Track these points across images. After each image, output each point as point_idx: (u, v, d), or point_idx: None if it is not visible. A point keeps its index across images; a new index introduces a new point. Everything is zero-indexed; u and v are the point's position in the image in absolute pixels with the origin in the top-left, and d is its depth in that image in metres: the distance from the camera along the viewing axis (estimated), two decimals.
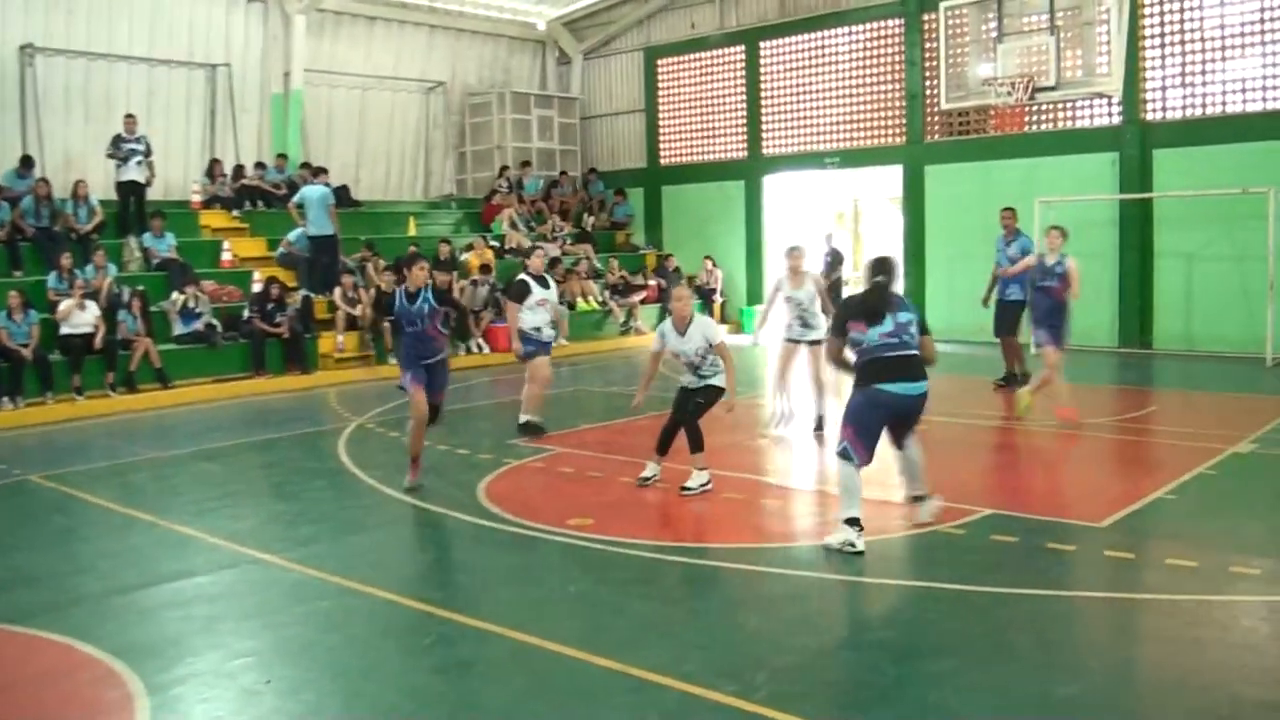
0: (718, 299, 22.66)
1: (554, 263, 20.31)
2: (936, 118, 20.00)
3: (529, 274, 11.37)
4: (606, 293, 21.07)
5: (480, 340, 18.19)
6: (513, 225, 21.72)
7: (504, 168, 23.26)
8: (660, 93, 24.27)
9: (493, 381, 16.26)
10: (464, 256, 19.80)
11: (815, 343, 10.94)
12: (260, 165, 19.73)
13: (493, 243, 20.83)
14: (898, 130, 20.60)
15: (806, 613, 6.03)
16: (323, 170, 18.53)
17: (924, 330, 7.03)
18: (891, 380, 6.77)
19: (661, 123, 24.34)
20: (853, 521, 6.88)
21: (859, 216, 26.18)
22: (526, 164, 23.70)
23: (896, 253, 20.64)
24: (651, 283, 21.99)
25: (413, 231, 20.89)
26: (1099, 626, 5.80)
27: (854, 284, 24.59)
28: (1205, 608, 5.92)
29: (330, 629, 5.89)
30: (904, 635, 5.68)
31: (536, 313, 11.22)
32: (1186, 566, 6.52)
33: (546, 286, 11.41)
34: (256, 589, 6.61)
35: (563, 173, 24.40)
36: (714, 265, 22.75)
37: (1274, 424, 10.94)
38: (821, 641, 5.58)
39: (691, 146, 23.92)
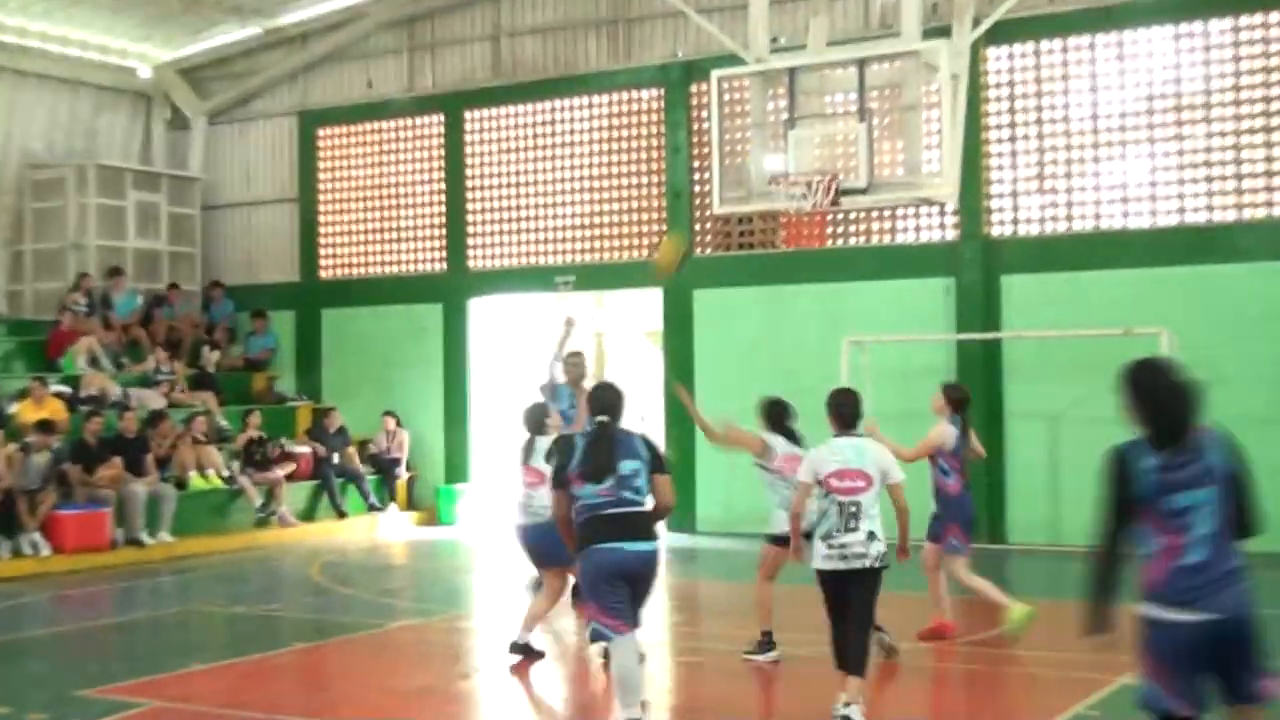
0: (402, 473, 22.23)
1: (156, 418, 19.43)
2: (709, 225, 20.55)
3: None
4: (235, 464, 20.34)
5: (36, 536, 17.04)
6: (93, 361, 20.76)
7: (82, 276, 22.31)
8: (322, 176, 24.06)
9: (54, 599, 15.37)
10: (13, 408, 18.79)
11: None
12: None
13: (60, 387, 19.78)
14: (657, 241, 20.92)
15: None
16: None
17: (658, 469, 8.39)
18: (611, 540, 8.14)
19: (323, 218, 24.07)
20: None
21: (604, 357, 26.38)
22: (118, 272, 22.81)
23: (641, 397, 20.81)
24: (303, 449, 21.36)
25: None
26: None
27: None
28: None
29: None
30: None
31: None
32: None
33: None
34: None
35: (173, 286, 23.68)
36: (398, 424, 22.32)
37: None
38: None
39: (366, 254, 23.72)
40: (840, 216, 19.28)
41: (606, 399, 8.56)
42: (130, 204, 23.67)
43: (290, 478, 20.90)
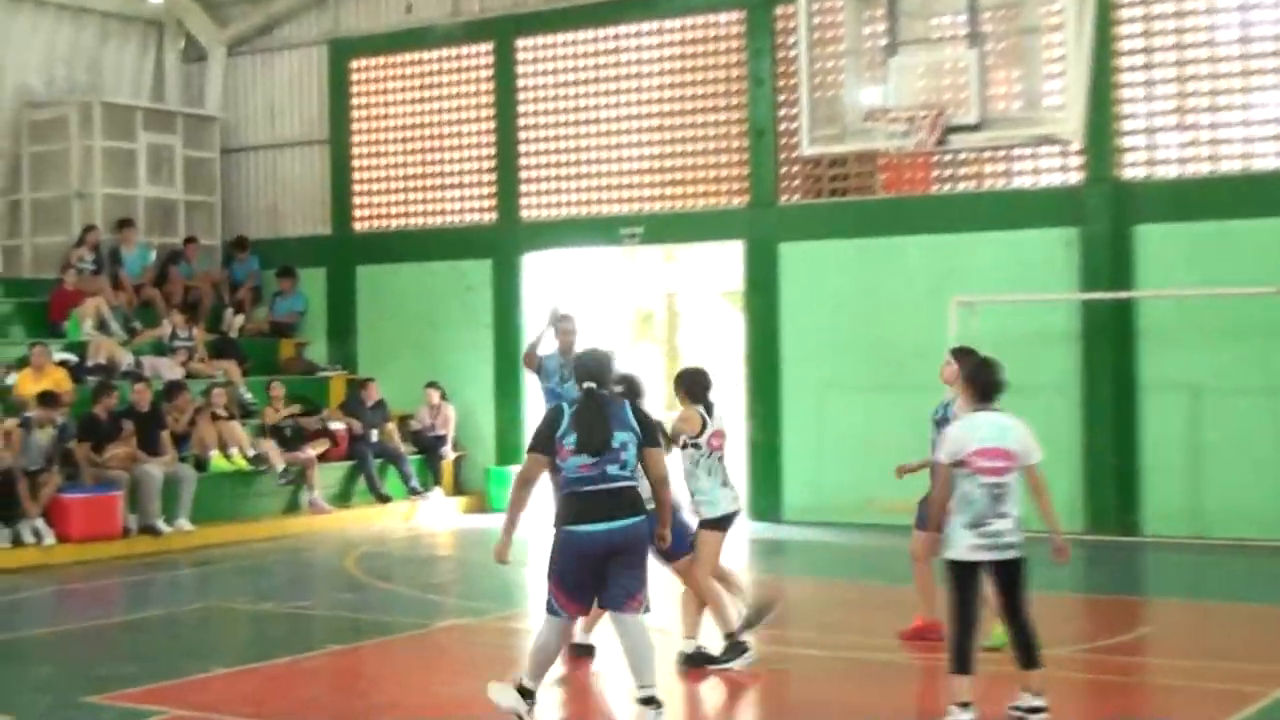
0: (448, 453, 22.33)
1: (172, 390, 19.57)
2: (796, 168, 20.46)
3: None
4: (263, 442, 20.50)
5: (39, 522, 17.26)
6: (101, 325, 20.95)
7: (88, 229, 22.49)
8: (355, 114, 24.13)
9: (59, 594, 15.53)
10: (11, 379, 18.98)
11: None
12: None
13: (65, 355, 20.01)
14: (737, 187, 20.99)
15: None
16: None
17: (649, 442, 8.88)
18: (586, 521, 8.67)
19: (358, 163, 24.16)
20: (525, 693, 8.86)
21: (676, 321, 26.41)
22: (127, 224, 22.98)
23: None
24: (338, 426, 21.48)
25: None
26: None
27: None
28: None
29: None
30: None
31: None
32: None
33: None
34: None
35: (190, 240, 23.83)
36: (442, 398, 22.38)
37: None
38: None
39: (406, 203, 23.81)
40: (948, 158, 19.10)
41: (592, 365, 9.04)
42: (141, 146, 23.77)
43: (323, 458, 20.98)
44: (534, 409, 22.31)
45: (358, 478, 21.41)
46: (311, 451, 20.76)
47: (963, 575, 8.78)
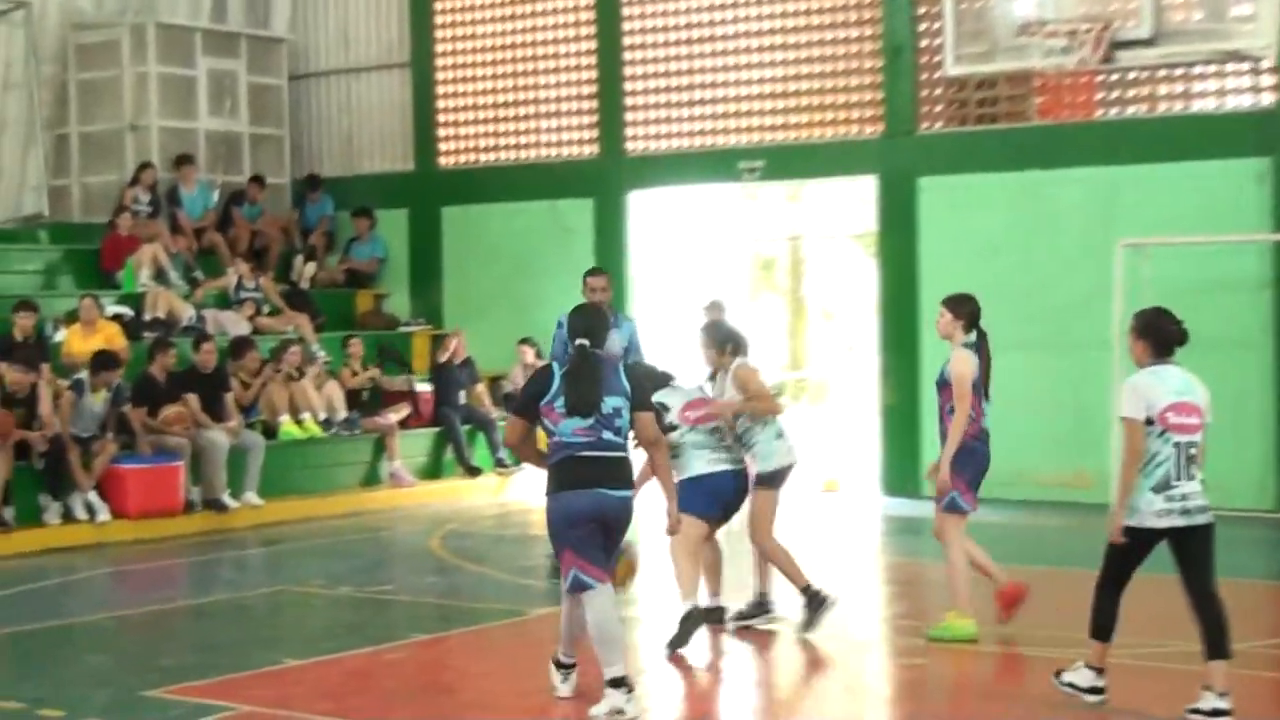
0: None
1: (238, 348, 19.69)
2: (938, 92, 20.31)
3: None
4: (338, 407, 20.65)
5: (92, 496, 17.45)
6: (159, 275, 21.15)
7: (143, 166, 22.70)
8: (439, 34, 24.20)
9: (115, 575, 15.71)
10: (60, 335, 19.21)
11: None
12: None
13: (118, 308, 20.23)
14: (870, 114, 20.86)
15: None
16: None
17: (641, 407, 9.44)
18: (588, 485, 9.23)
19: (442, 89, 24.23)
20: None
21: (800, 268, 26.30)
22: (187, 160, 23.17)
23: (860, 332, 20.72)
24: (423, 387, 21.59)
25: None
26: None
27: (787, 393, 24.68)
28: None
29: None
30: None
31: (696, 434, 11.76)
32: None
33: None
34: None
35: (255, 178, 24.01)
36: (537, 355, 22.39)
37: None
38: None
39: (497, 134, 23.85)
40: (1115, 78, 18.86)
41: (586, 322, 9.61)
42: (200, 73, 23.95)
43: (405, 423, 21.10)
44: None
45: (444, 446, 21.52)
46: (392, 417, 20.88)
47: (1138, 543, 8.85)
